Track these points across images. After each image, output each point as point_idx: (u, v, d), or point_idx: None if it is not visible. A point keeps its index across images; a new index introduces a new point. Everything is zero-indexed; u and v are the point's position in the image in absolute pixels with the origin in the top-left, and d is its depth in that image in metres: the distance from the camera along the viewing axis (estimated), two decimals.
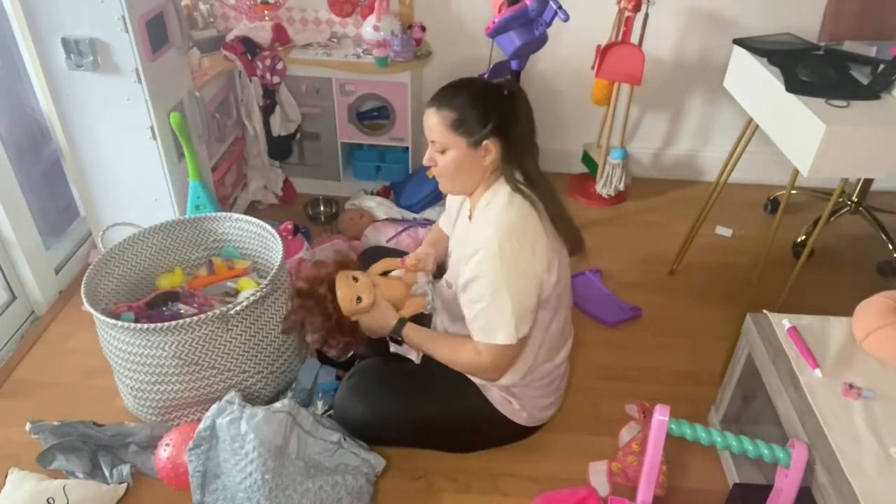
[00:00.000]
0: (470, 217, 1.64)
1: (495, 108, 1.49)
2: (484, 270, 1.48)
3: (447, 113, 1.49)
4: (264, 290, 1.73)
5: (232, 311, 1.67)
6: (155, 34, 1.96)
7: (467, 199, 1.66)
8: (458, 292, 1.57)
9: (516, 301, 1.49)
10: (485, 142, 1.49)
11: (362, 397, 1.68)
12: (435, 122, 1.51)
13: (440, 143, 1.52)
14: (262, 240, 2.08)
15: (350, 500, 1.58)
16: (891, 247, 2.48)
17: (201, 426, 1.59)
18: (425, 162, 1.58)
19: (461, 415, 1.69)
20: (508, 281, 1.48)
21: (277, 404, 1.62)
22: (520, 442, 1.79)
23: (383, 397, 1.68)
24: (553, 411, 1.81)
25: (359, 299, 1.59)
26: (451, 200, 1.80)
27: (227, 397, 1.65)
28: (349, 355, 1.93)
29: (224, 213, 2.12)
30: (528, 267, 1.50)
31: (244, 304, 1.69)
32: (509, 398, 1.68)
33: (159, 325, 1.62)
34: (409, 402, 1.67)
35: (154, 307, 1.91)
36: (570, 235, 1.60)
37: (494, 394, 1.67)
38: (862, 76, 1.80)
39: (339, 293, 1.58)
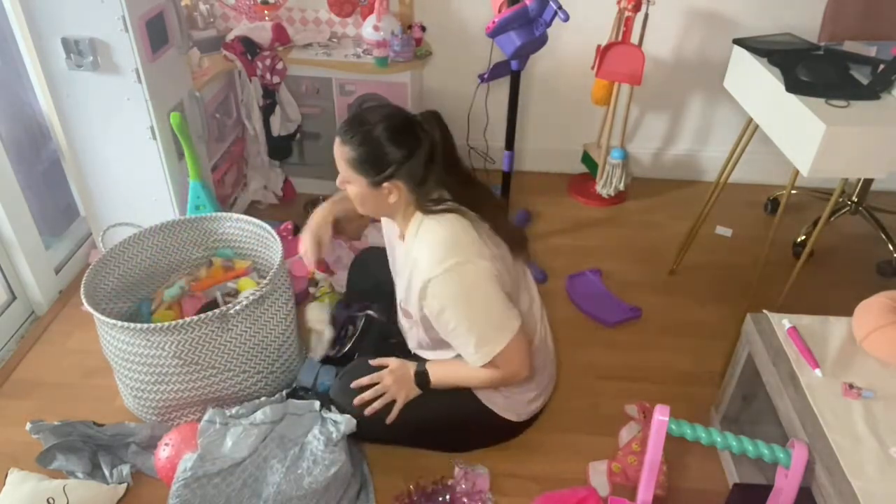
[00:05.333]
0: (402, 237, 1.59)
1: (397, 153, 1.40)
2: (445, 297, 1.44)
3: (347, 149, 1.42)
4: (264, 289, 1.73)
5: (232, 311, 1.68)
6: (155, 34, 1.96)
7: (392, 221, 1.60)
8: (421, 322, 1.56)
9: (488, 305, 1.46)
10: (385, 184, 1.43)
11: (354, 394, 1.66)
12: (338, 154, 1.45)
13: (343, 175, 1.48)
14: (261, 240, 2.08)
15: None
16: (891, 247, 2.48)
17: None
18: (338, 184, 1.52)
19: (452, 413, 1.67)
20: (470, 293, 1.44)
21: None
22: (518, 441, 1.79)
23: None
24: (540, 403, 1.79)
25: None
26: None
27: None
28: (346, 351, 1.92)
29: (224, 213, 2.12)
30: (479, 271, 1.45)
31: (244, 303, 1.69)
32: (495, 395, 1.67)
33: (159, 324, 1.62)
34: None
35: None
36: (510, 239, 1.56)
37: (483, 392, 1.66)
38: (862, 76, 1.79)
39: None
